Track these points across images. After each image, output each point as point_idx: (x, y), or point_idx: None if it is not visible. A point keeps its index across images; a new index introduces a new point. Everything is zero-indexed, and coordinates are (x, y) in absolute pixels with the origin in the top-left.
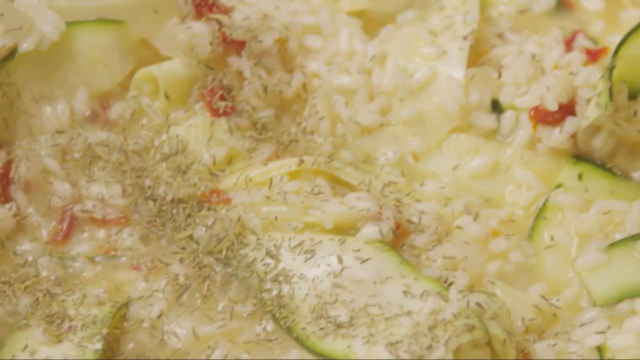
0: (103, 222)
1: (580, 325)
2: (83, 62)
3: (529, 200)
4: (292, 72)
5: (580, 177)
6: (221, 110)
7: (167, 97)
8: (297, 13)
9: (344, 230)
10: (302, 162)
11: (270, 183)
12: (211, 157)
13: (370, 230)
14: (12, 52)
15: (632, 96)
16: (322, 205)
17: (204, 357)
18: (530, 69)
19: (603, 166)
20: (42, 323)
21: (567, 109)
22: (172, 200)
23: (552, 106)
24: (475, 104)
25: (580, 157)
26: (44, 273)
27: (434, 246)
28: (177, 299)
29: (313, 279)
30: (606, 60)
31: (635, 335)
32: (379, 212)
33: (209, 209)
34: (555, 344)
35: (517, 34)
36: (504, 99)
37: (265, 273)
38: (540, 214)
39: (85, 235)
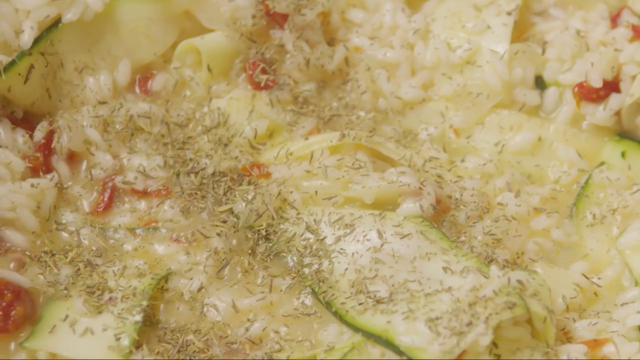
0: (144, 194)
1: (622, 305)
2: (126, 34)
3: (571, 178)
4: (335, 46)
5: (623, 155)
6: (263, 84)
7: (209, 69)
8: None
9: (384, 205)
10: (343, 136)
11: (311, 157)
12: (252, 130)
13: (410, 206)
14: (56, 22)
15: None
16: (362, 180)
17: (243, 330)
18: (575, 45)
19: None
20: (83, 294)
21: (612, 86)
22: (213, 173)
23: (597, 83)
24: (518, 80)
25: (623, 134)
26: (86, 244)
27: (474, 222)
28: (218, 273)
29: (353, 254)
30: None
31: None
32: (420, 188)
33: (249, 183)
34: (596, 323)
35: (561, 9)
36: (547, 75)
37: (305, 247)
38: (582, 192)
39: (126, 206)
